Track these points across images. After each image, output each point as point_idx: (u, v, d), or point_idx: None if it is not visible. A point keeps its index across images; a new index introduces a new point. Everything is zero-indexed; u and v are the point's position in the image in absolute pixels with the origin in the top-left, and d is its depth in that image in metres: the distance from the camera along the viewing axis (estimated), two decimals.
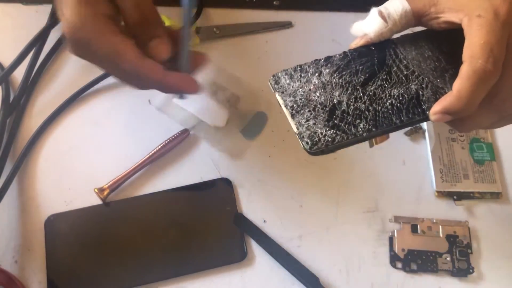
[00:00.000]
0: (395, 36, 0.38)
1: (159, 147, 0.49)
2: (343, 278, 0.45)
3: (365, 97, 0.35)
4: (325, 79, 0.36)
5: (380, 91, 0.36)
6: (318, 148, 0.33)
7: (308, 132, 0.34)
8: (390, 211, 0.48)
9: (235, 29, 0.56)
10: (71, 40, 0.35)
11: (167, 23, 0.52)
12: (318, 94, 0.35)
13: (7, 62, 0.51)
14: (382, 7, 0.36)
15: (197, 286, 0.44)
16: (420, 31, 0.39)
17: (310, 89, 0.36)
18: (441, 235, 0.47)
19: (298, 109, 0.35)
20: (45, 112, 0.51)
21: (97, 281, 0.44)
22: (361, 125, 0.34)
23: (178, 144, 0.50)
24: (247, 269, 0.45)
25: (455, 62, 0.35)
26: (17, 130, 0.51)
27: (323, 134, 0.34)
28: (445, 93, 0.35)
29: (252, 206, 0.48)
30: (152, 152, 0.49)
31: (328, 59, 0.37)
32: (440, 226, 0.47)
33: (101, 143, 0.50)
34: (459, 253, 0.46)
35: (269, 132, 0.51)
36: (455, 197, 0.49)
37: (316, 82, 0.36)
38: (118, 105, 0.52)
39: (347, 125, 0.34)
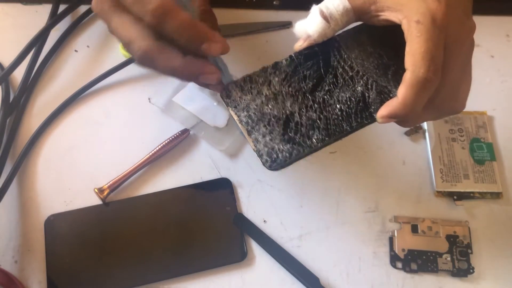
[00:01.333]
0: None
1: (159, 147, 0.49)
2: (343, 278, 0.45)
3: (315, 105, 0.36)
4: (276, 89, 0.36)
5: (328, 97, 0.36)
6: (278, 165, 0.34)
7: (266, 148, 0.34)
8: (390, 211, 0.48)
9: (235, 29, 0.56)
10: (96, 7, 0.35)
11: None
12: (270, 106, 0.35)
13: (7, 62, 0.51)
14: (322, 6, 0.36)
15: (197, 286, 0.44)
16: (360, 25, 0.39)
17: (262, 101, 0.36)
18: (441, 235, 0.47)
19: (254, 124, 0.35)
20: (45, 112, 0.51)
21: (97, 281, 0.44)
22: (315, 136, 0.35)
23: (178, 144, 0.50)
24: (247, 269, 0.45)
25: (396, 57, 0.36)
26: (17, 130, 0.51)
27: (280, 149, 0.34)
28: (389, 92, 0.36)
29: (252, 206, 0.48)
30: (152, 152, 0.49)
31: (275, 65, 0.37)
32: (440, 226, 0.47)
33: (101, 143, 0.50)
34: (459, 253, 0.46)
35: None
36: (455, 197, 0.48)
37: (267, 93, 0.36)
38: (118, 105, 0.52)
39: (302, 137, 0.35)
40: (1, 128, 0.49)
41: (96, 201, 0.47)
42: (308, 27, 0.37)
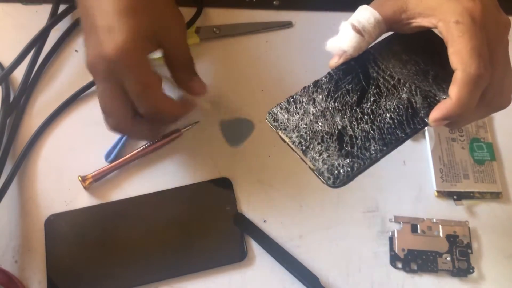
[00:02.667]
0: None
1: (149, 144, 0.49)
2: (343, 278, 0.45)
3: (365, 117, 0.35)
4: (322, 106, 0.36)
5: (376, 107, 0.36)
6: (341, 181, 0.33)
7: (325, 166, 0.33)
8: (390, 211, 0.48)
9: (235, 29, 0.56)
10: (114, 60, 0.37)
11: None
12: (321, 124, 0.35)
13: (7, 62, 0.51)
14: (354, 21, 0.36)
15: (197, 286, 0.44)
16: (391, 35, 0.39)
17: (311, 120, 0.35)
18: (441, 235, 0.47)
19: (307, 143, 0.34)
20: (45, 112, 0.51)
21: (97, 281, 0.44)
22: (372, 147, 0.34)
23: (168, 143, 0.50)
24: (247, 269, 0.45)
25: (431, 62, 0.37)
26: (17, 130, 0.51)
27: (341, 165, 0.33)
28: (434, 95, 0.36)
29: (252, 206, 0.48)
30: (140, 148, 0.49)
31: (316, 84, 0.37)
32: (440, 226, 0.47)
33: (101, 143, 0.50)
34: (459, 253, 0.46)
35: (268, 132, 0.51)
36: (455, 197, 0.48)
37: (314, 111, 0.36)
38: None
39: (359, 150, 0.34)
40: (1, 128, 0.49)
41: (96, 201, 0.47)
42: (342, 43, 0.37)
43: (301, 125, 0.35)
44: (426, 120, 0.35)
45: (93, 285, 0.44)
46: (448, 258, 0.46)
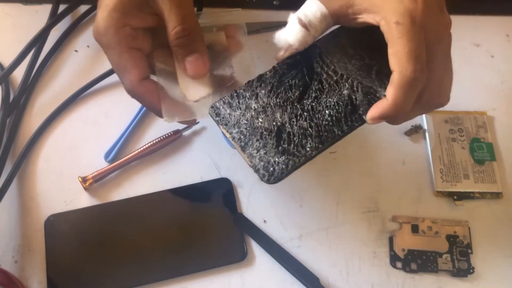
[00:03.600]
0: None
1: (148, 144, 0.49)
2: (343, 278, 0.45)
3: (305, 113, 0.36)
4: (264, 101, 0.36)
5: (316, 104, 0.36)
6: (275, 178, 0.34)
7: (261, 163, 0.34)
8: (390, 211, 0.48)
9: None
10: (96, 39, 0.38)
11: None
12: (261, 120, 0.35)
13: (7, 62, 0.51)
14: (300, 14, 0.36)
15: (197, 286, 0.44)
16: (337, 28, 0.39)
17: (252, 115, 0.36)
18: (441, 235, 0.47)
19: (246, 140, 0.35)
20: (45, 112, 0.51)
21: (97, 281, 0.44)
22: (308, 145, 0.35)
23: (168, 144, 0.50)
24: (247, 269, 0.45)
25: (377, 56, 0.37)
26: (17, 130, 0.51)
27: (276, 162, 0.34)
28: (375, 92, 0.36)
29: (252, 206, 0.48)
30: (140, 149, 0.49)
31: (260, 78, 0.37)
32: (440, 226, 0.47)
33: (100, 142, 0.50)
34: (459, 253, 0.46)
35: None
36: (455, 197, 0.48)
37: (256, 107, 0.36)
38: (117, 105, 0.52)
39: (295, 148, 0.35)
40: (1, 128, 0.49)
41: (96, 201, 0.47)
42: (288, 36, 0.37)
43: (242, 120, 0.35)
44: (364, 117, 0.35)
45: (93, 285, 0.44)
46: (448, 258, 0.46)
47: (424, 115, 0.52)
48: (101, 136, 0.51)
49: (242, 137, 0.35)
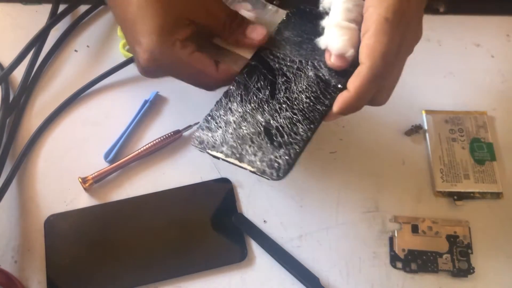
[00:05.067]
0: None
1: (149, 145, 0.49)
2: (343, 278, 0.45)
3: (284, 105, 0.36)
4: (239, 112, 0.37)
5: (290, 93, 0.37)
6: (284, 171, 0.34)
7: (264, 163, 0.34)
8: (390, 211, 0.48)
9: None
10: (152, 67, 0.38)
11: None
12: (244, 127, 0.36)
13: (6, 62, 0.51)
14: (345, 14, 0.37)
15: (197, 286, 0.44)
16: (277, 26, 0.41)
17: (234, 128, 0.36)
18: (441, 235, 0.47)
19: (239, 150, 0.35)
20: (45, 112, 0.51)
21: (97, 281, 0.44)
22: (300, 129, 0.35)
23: (168, 144, 0.50)
24: (247, 269, 0.45)
25: (321, 33, 0.38)
26: (17, 130, 0.51)
27: (278, 156, 0.34)
28: None
29: (252, 206, 0.48)
30: (140, 149, 0.49)
31: (226, 94, 0.38)
32: (441, 226, 0.47)
33: (100, 143, 0.50)
34: (459, 253, 0.46)
35: None
36: (455, 197, 0.48)
37: (234, 119, 0.37)
38: (117, 105, 0.52)
39: (289, 136, 0.35)
40: (1, 128, 0.49)
41: (96, 201, 0.47)
42: (344, 40, 0.36)
43: (227, 136, 0.36)
44: (339, 86, 0.36)
45: (93, 285, 0.44)
46: (448, 258, 0.46)
47: (424, 115, 0.52)
48: (101, 136, 0.51)
49: (233, 150, 0.35)
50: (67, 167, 0.49)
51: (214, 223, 0.47)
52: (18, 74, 0.52)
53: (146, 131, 0.51)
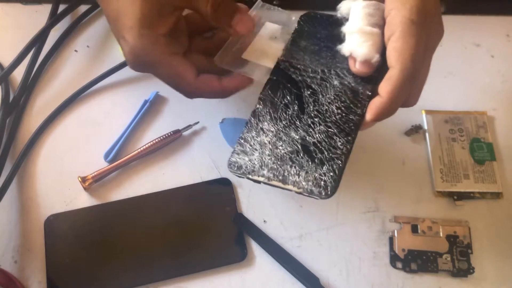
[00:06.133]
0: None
1: (148, 144, 0.49)
2: (343, 278, 0.45)
3: (316, 119, 0.35)
4: (272, 131, 0.36)
5: (319, 106, 0.36)
6: (332, 188, 0.33)
7: (309, 183, 0.33)
8: (390, 211, 0.48)
9: None
10: (135, 63, 0.38)
11: None
12: (281, 147, 0.35)
13: (6, 62, 0.51)
14: (367, 17, 0.36)
15: (197, 286, 0.44)
16: (290, 38, 0.40)
17: (270, 149, 0.35)
18: (441, 235, 0.47)
19: (280, 171, 0.34)
20: (45, 112, 0.51)
21: (97, 281, 0.44)
22: (339, 143, 0.34)
23: (168, 144, 0.50)
24: (247, 269, 0.45)
25: (340, 40, 0.37)
26: (17, 130, 0.51)
27: (322, 174, 0.33)
28: None
29: (252, 206, 0.48)
30: (140, 149, 0.49)
31: (254, 113, 0.37)
32: (441, 226, 0.47)
33: (100, 142, 0.50)
34: (459, 253, 0.46)
35: None
36: (455, 197, 0.48)
37: (269, 139, 0.35)
38: (117, 105, 0.52)
39: (329, 152, 0.34)
40: (1, 128, 0.49)
41: (96, 201, 0.47)
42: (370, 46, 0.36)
43: (264, 158, 0.34)
44: (368, 93, 0.35)
45: (93, 285, 0.44)
46: (448, 258, 0.46)
47: (424, 115, 0.52)
48: (101, 136, 0.51)
49: (275, 172, 0.34)
50: (67, 167, 0.49)
51: (214, 223, 0.47)
52: (18, 74, 0.52)
53: (146, 131, 0.51)
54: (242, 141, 0.36)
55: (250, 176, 0.34)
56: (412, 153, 0.51)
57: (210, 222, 0.47)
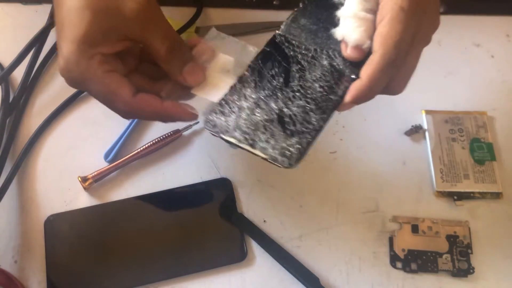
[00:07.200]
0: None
1: (148, 144, 0.49)
2: (343, 278, 0.45)
3: (297, 93, 0.36)
4: (253, 98, 0.37)
5: (304, 82, 0.37)
6: (295, 159, 0.34)
7: (276, 151, 0.34)
8: (390, 211, 0.48)
9: (235, 29, 0.56)
10: (67, 77, 0.36)
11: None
12: (258, 114, 0.36)
13: (6, 62, 0.51)
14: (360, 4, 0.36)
15: (197, 286, 0.44)
16: (293, 13, 0.41)
17: (248, 114, 0.36)
18: (441, 235, 0.47)
19: (252, 136, 0.35)
20: (45, 112, 0.51)
21: (97, 281, 0.44)
22: (313, 118, 0.35)
23: (168, 144, 0.50)
24: (247, 269, 0.45)
25: (336, 22, 0.37)
26: (17, 130, 0.51)
27: (290, 145, 0.34)
28: None
29: (252, 206, 0.48)
30: (140, 149, 0.49)
31: (241, 79, 0.38)
32: (440, 226, 0.47)
33: (100, 142, 0.50)
34: (459, 253, 0.46)
35: None
36: (455, 197, 0.48)
37: (248, 105, 0.36)
38: None
39: (302, 125, 0.35)
40: (1, 128, 0.49)
41: (96, 201, 0.47)
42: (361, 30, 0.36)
43: (240, 122, 0.36)
44: (353, 76, 0.36)
45: (93, 285, 0.44)
46: (448, 258, 0.46)
47: (424, 115, 0.52)
48: (101, 136, 0.51)
49: (246, 136, 0.35)
50: (67, 167, 0.49)
51: (214, 223, 0.47)
52: (18, 74, 0.52)
53: (146, 131, 0.51)
54: (223, 102, 0.37)
55: (223, 136, 0.35)
56: (412, 153, 0.51)
57: (210, 222, 0.47)
